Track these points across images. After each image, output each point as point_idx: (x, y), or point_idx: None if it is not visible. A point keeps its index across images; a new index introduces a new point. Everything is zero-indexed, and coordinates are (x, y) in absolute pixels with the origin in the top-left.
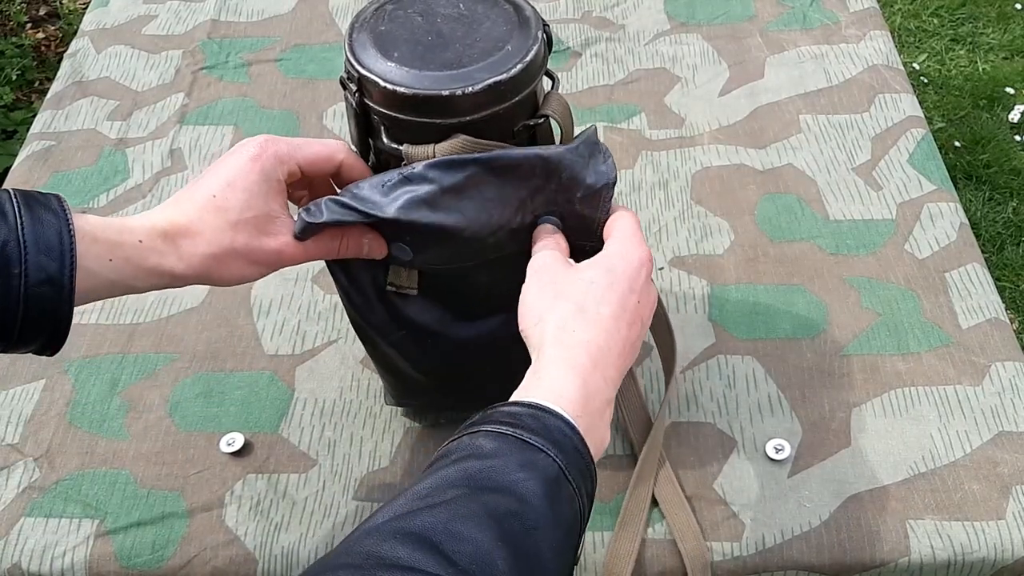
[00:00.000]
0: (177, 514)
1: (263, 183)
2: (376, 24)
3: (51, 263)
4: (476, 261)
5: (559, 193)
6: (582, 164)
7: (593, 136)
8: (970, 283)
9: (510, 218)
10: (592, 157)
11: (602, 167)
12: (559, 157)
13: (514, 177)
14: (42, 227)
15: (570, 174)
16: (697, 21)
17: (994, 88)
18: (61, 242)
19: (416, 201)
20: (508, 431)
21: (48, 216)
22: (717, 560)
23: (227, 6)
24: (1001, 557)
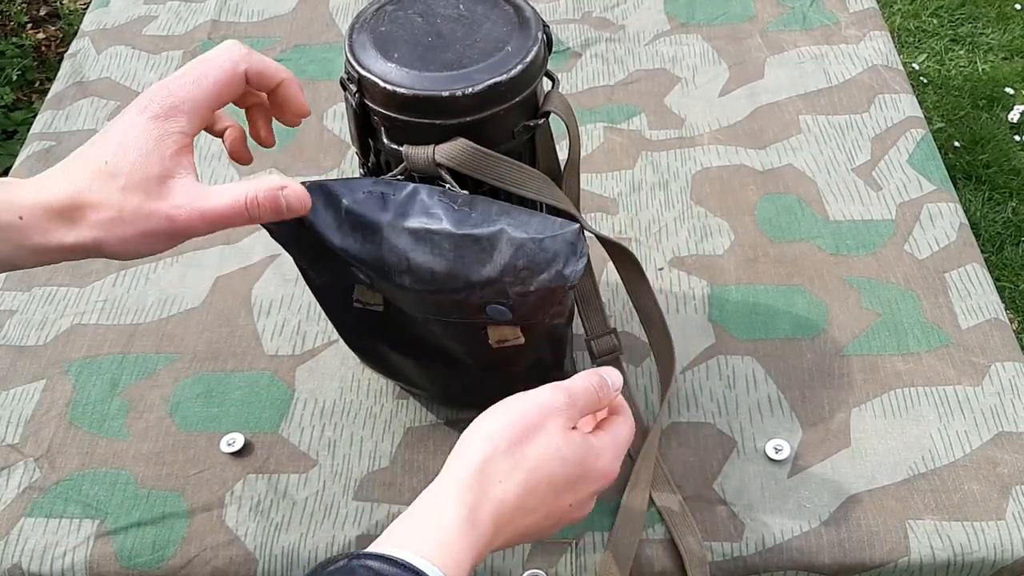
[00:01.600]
0: (177, 514)
1: (160, 139)
2: (376, 25)
3: None
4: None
5: (512, 284)
6: (543, 259)
7: (572, 235)
8: (970, 283)
9: (456, 291)
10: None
11: (566, 270)
12: (521, 242)
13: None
14: None
15: (528, 264)
16: (697, 21)
17: (994, 88)
18: None
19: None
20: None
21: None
22: (717, 560)
23: (227, 6)
24: (1001, 557)
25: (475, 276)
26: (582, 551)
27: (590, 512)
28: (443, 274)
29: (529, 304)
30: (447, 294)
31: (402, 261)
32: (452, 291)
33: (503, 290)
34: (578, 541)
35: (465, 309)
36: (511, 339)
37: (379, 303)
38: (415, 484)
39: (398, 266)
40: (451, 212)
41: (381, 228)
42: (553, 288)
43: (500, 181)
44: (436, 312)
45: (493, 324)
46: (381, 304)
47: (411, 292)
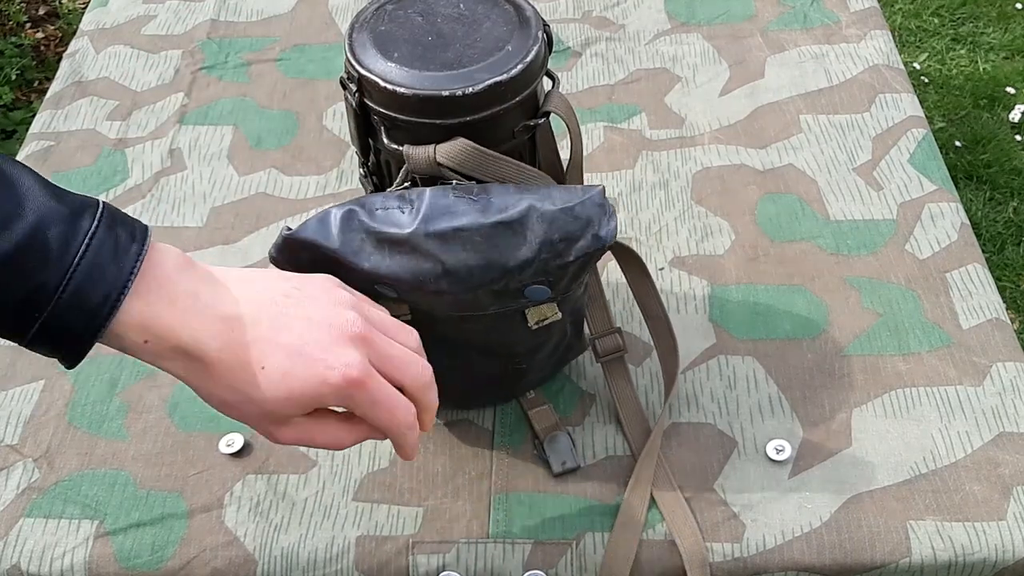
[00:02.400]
0: (177, 515)
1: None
2: (376, 24)
3: (76, 322)
4: (459, 311)
5: (551, 260)
6: (578, 227)
7: (599, 197)
8: (971, 283)
9: (494, 281)
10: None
11: (602, 231)
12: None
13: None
14: (94, 282)
15: (564, 236)
16: (697, 21)
17: (995, 88)
18: (101, 307)
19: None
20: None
21: (111, 271)
22: (717, 561)
23: (226, 6)
24: (1002, 558)
25: (512, 261)
26: (582, 551)
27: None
28: (479, 268)
29: (569, 275)
30: (485, 287)
31: (436, 266)
32: (490, 282)
33: (542, 268)
34: (578, 542)
35: (503, 298)
36: (549, 316)
37: (406, 313)
38: (415, 485)
39: (433, 272)
40: (472, 205)
41: (408, 240)
42: (591, 253)
43: (501, 181)
44: (473, 308)
45: (532, 305)
46: (408, 314)
47: (448, 295)
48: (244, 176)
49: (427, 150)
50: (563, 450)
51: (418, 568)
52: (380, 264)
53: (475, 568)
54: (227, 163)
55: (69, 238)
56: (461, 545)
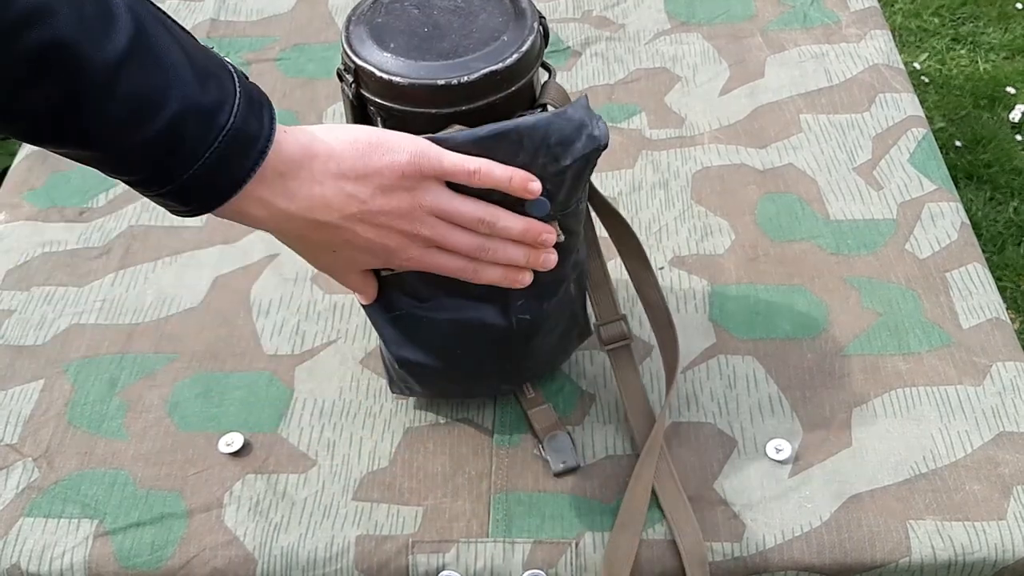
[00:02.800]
0: (176, 514)
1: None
2: (373, 16)
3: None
4: None
5: (548, 165)
6: (572, 129)
7: (584, 102)
8: (971, 283)
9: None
10: (583, 123)
11: (595, 131)
12: (547, 123)
13: (500, 150)
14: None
15: (560, 139)
16: (697, 20)
17: (995, 88)
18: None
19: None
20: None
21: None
22: (717, 560)
23: (226, 5)
24: (1002, 557)
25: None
26: (582, 551)
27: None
28: None
29: (567, 183)
30: (485, 198)
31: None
32: (489, 193)
33: (540, 175)
34: (578, 541)
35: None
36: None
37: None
38: (415, 484)
39: None
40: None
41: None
42: (588, 155)
43: None
44: None
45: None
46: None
47: None
48: None
49: None
50: (563, 449)
51: (418, 568)
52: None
53: (475, 568)
54: None
55: (205, 133)
56: (461, 545)
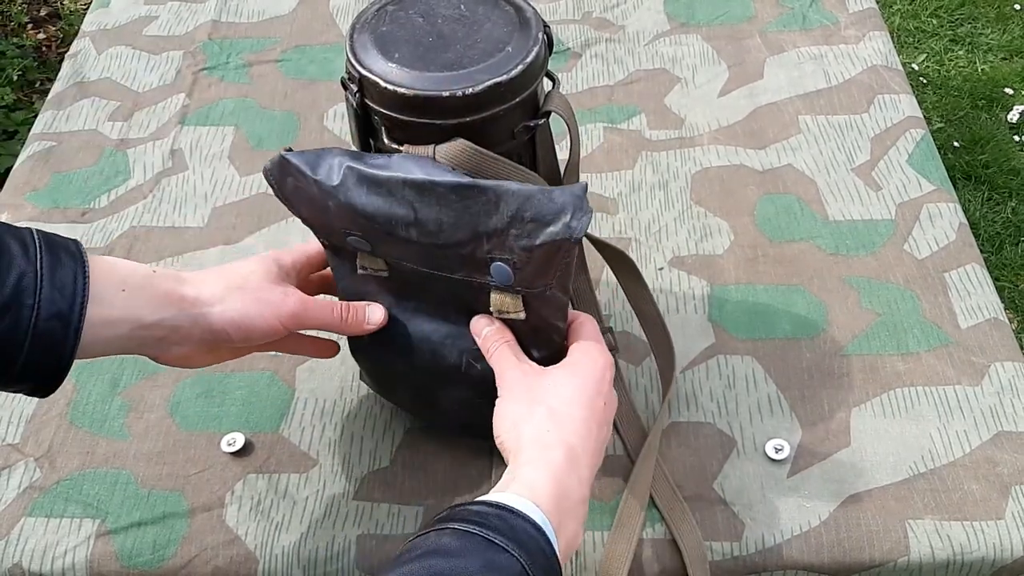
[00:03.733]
0: (178, 514)
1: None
2: (377, 25)
3: (63, 299)
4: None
5: (519, 238)
6: (550, 211)
7: (579, 190)
8: (969, 283)
9: (461, 244)
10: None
11: (573, 222)
12: (527, 195)
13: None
14: (60, 266)
15: (535, 216)
16: (697, 22)
17: (993, 88)
18: (75, 282)
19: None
20: (474, 530)
21: (66, 258)
22: (717, 560)
23: (228, 7)
24: (1000, 557)
25: (481, 227)
26: (582, 551)
27: (588, 510)
28: (450, 225)
29: (533, 263)
30: (453, 248)
31: (409, 213)
32: (457, 244)
33: (509, 244)
34: None
35: (470, 265)
36: (512, 311)
37: (382, 268)
38: (415, 484)
39: (405, 218)
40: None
41: (386, 182)
42: (559, 243)
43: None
44: (441, 267)
45: (496, 289)
46: (384, 270)
47: (416, 246)
48: (245, 176)
49: (427, 150)
50: None
51: None
52: (357, 199)
53: None
54: (228, 164)
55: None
56: None
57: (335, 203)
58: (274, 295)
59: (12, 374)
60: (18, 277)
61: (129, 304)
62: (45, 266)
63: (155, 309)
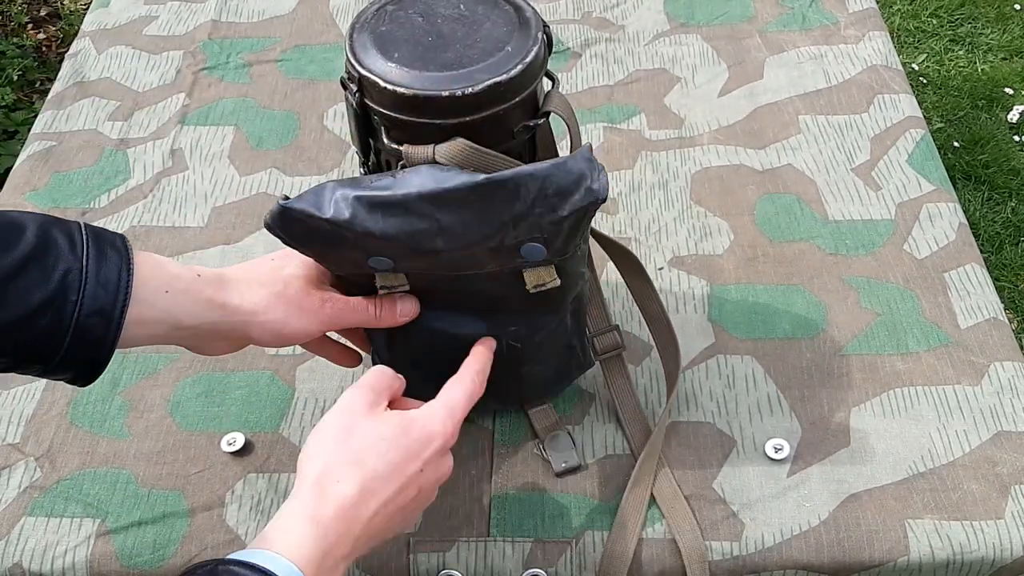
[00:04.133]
0: (178, 514)
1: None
2: (377, 25)
3: (106, 296)
4: (455, 273)
5: (545, 215)
6: (570, 181)
7: (587, 152)
8: (969, 283)
9: (489, 237)
10: (583, 175)
11: (594, 185)
12: (545, 174)
13: (497, 198)
14: (105, 262)
15: (557, 190)
16: (697, 22)
17: (993, 88)
18: (119, 278)
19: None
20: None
21: (112, 253)
22: (716, 559)
23: (228, 7)
24: (1000, 556)
25: (506, 215)
26: (582, 551)
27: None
28: (475, 223)
29: (564, 232)
30: (481, 244)
31: (432, 224)
32: (486, 238)
33: (536, 223)
34: (578, 541)
35: (500, 256)
36: (548, 281)
37: (403, 284)
38: None
39: (429, 230)
40: (462, 172)
41: (401, 202)
42: (586, 208)
43: None
44: (471, 267)
45: (529, 267)
46: (406, 284)
47: (444, 254)
48: (245, 176)
49: (426, 150)
50: (564, 449)
51: (418, 567)
52: (374, 226)
53: (475, 567)
54: (228, 163)
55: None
56: (461, 544)
57: (352, 234)
58: (314, 302)
59: (52, 365)
60: (64, 272)
61: (171, 306)
62: (91, 261)
63: (196, 313)
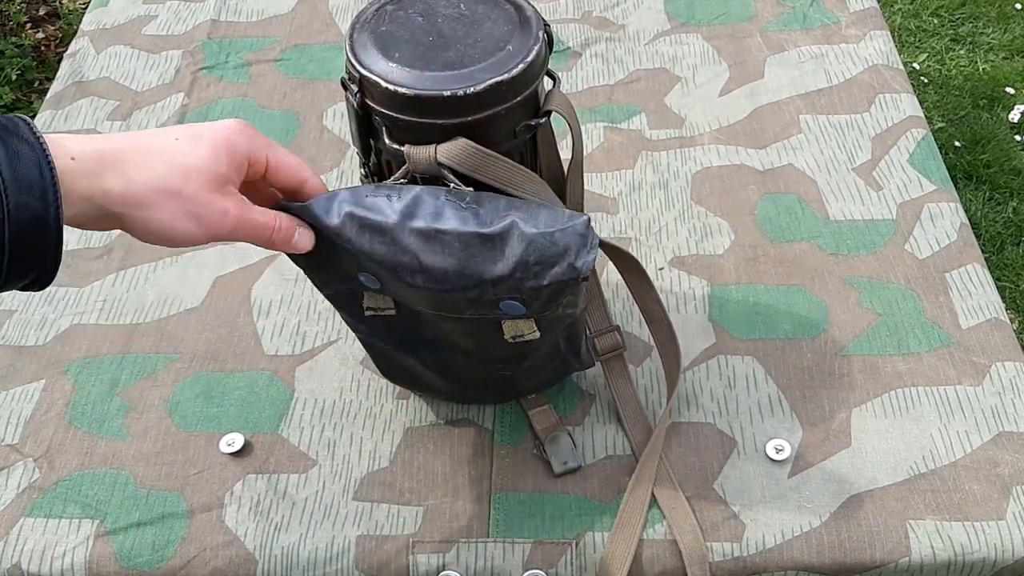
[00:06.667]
0: (177, 514)
1: (230, 151)
2: (377, 24)
3: (34, 202)
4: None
5: (525, 280)
6: (554, 253)
7: (582, 227)
8: (970, 283)
9: (468, 289)
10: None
11: (578, 262)
12: (530, 240)
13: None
14: (19, 162)
15: (539, 259)
16: (697, 21)
17: (994, 88)
18: (42, 176)
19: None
20: None
21: (24, 148)
22: (717, 560)
23: (227, 6)
24: (1001, 557)
25: (487, 274)
26: (582, 551)
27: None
28: (455, 273)
29: (543, 298)
30: (460, 292)
31: (413, 261)
32: (464, 289)
33: (516, 286)
34: (578, 541)
35: (479, 306)
36: (526, 333)
37: (390, 307)
38: (415, 484)
39: (410, 266)
40: (458, 211)
41: (390, 230)
42: (566, 281)
43: (500, 182)
44: (450, 310)
45: (508, 319)
46: (392, 308)
47: (424, 291)
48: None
49: (428, 150)
50: (564, 450)
51: (418, 567)
52: (363, 245)
53: (475, 568)
54: None
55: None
56: (461, 545)
57: (345, 244)
58: (213, 211)
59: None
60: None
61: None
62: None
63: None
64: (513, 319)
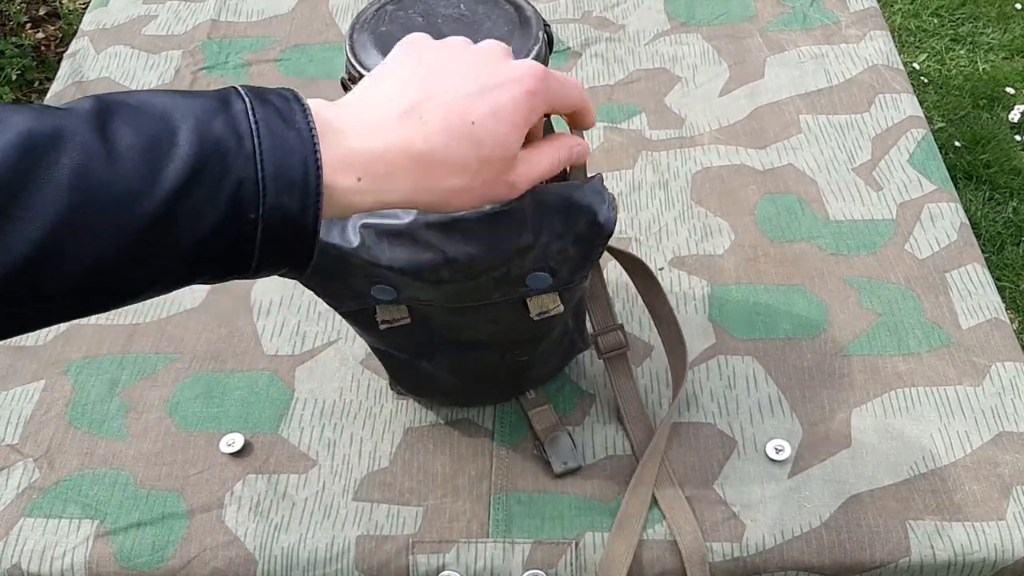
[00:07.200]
0: (177, 515)
1: (525, 125)
2: (377, 25)
3: (292, 203)
4: (461, 304)
5: (552, 244)
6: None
7: (598, 185)
8: (970, 283)
9: (495, 267)
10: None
11: (600, 218)
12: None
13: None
14: (285, 155)
15: (564, 220)
16: (697, 21)
17: (994, 88)
18: (306, 177)
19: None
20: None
21: (292, 137)
22: (717, 560)
23: (227, 6)
24: (1001, 557)
25: (514, 245)
26: (582, 551)
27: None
28: (481, 255)
29: (570, 263)
30: (487, 274)
31: (437, 256)
32: (492, 268)
33: (543, 253)
34: (578, 541)
35: (506, 285)
36: (551, 308)
37: (404, 316)
38: (415, 484)
39: (433, 261)
40: None
41: (406, 230)
42: (591, 239)
43: None
44: (475, 298)
45: (534, 294)
46: (407, 317)
47: (448, 284)
48: None
49: None
50: (564, 450)
51: (418, 568)
52: (380, 256)
53: (475, 568)
54: None
55: (235, 125)
56: (461, 545)
57: (358, 260)
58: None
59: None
60: (235, 185)
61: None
62: (267, 159)
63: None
64: (539, 294)
